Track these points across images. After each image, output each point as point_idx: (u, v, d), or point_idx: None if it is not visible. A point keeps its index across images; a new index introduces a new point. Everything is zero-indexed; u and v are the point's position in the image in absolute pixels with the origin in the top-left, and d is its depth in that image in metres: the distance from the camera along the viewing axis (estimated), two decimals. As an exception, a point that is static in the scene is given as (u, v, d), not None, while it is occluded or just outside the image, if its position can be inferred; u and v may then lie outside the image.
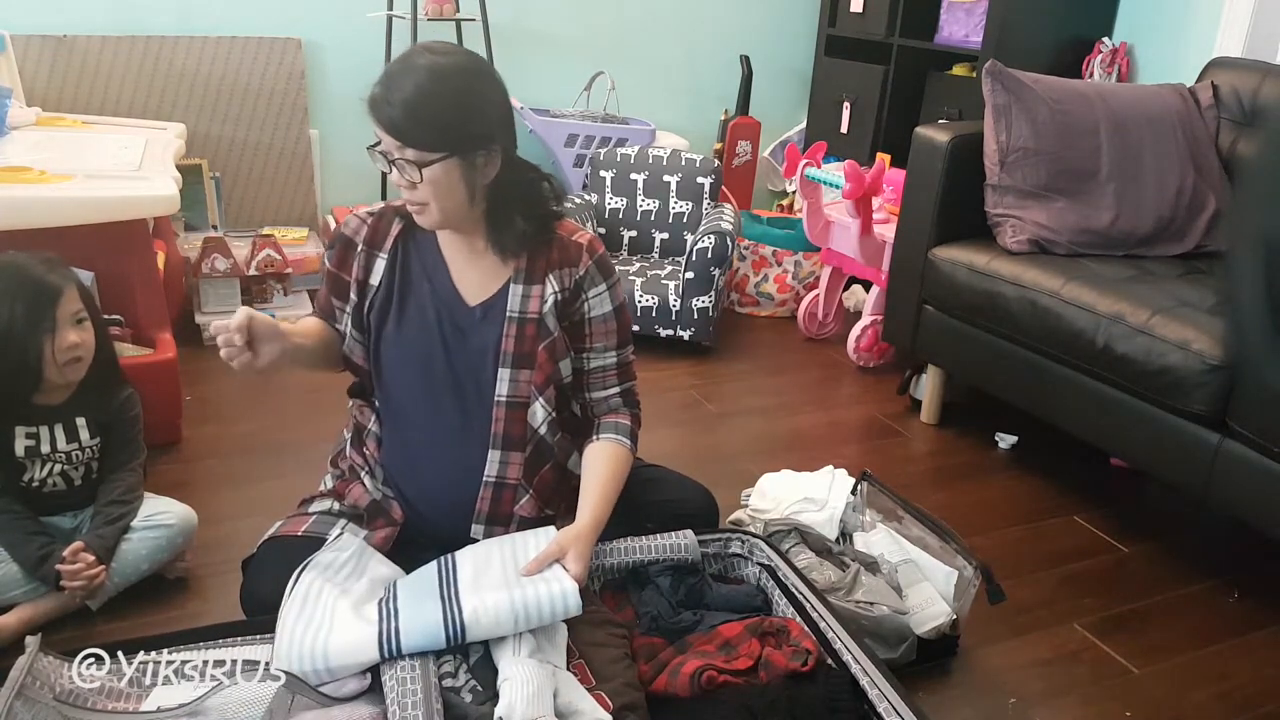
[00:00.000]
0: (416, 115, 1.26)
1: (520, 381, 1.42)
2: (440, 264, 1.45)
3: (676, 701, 1.23)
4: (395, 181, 1.33)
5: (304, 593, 1.26)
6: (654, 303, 2.79)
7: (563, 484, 1.50)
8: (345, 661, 1.18)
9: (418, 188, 1.31)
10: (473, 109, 1.31)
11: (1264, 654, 1.69)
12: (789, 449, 2.31)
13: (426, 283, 1.44)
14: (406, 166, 1.29)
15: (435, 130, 1.28)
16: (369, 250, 1.45)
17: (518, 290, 1.43)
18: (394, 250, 1.45)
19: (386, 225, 1.46)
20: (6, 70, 2.54)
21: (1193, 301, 1.90)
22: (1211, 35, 2.79)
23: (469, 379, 1.43)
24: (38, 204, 1.83)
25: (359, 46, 3.17)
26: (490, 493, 1.43)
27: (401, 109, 1.26)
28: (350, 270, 1.45)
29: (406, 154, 1.28)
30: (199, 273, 2.65)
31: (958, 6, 3.17)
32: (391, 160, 1.30)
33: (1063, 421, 2.07)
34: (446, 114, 1.28)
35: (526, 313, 1.42)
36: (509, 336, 1.42)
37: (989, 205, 2.26)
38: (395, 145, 1.28)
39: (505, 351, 1.42)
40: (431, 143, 1.28)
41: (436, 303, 1.43)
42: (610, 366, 1.51)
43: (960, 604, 1.56)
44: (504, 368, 1.42)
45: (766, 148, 3.91)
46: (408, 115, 1.26)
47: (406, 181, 1.31)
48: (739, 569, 1.50)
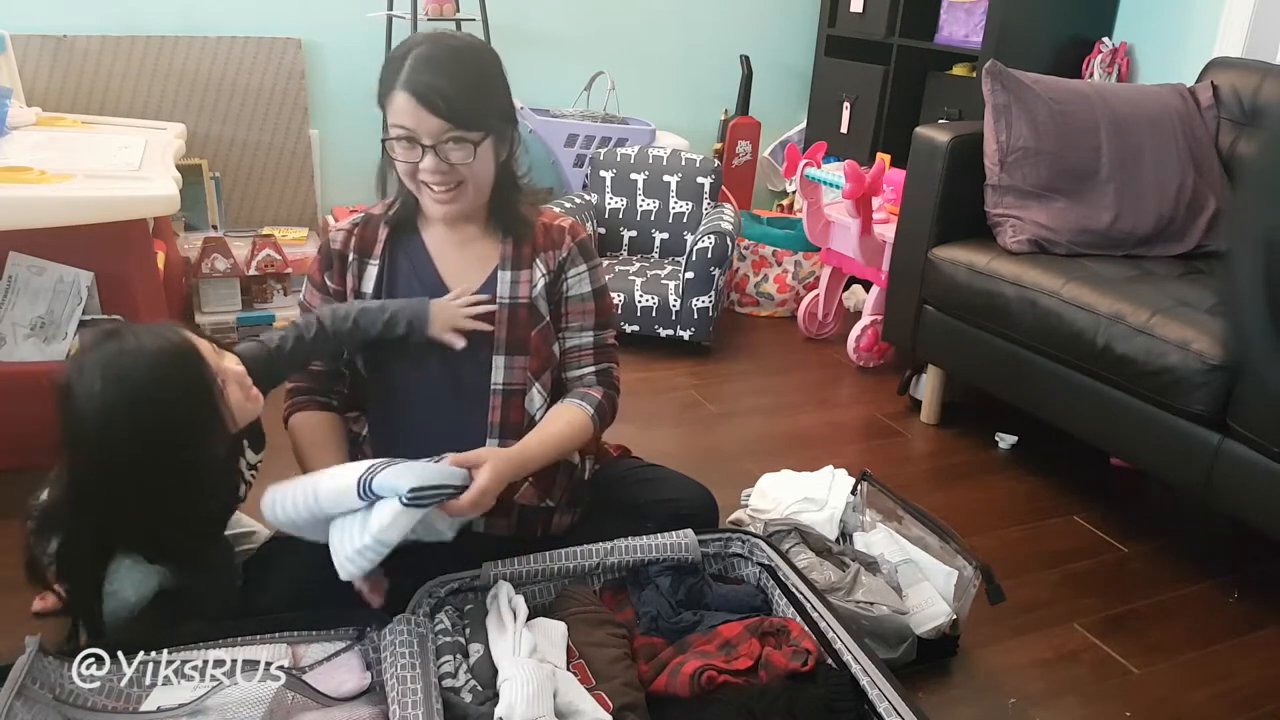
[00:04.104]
0: (469, 95, 1.28)
1: (516, 369, 1.43)
2: (427, 261, 1.45)
3: (676, 701, 1.23)
4: (428, 168, 1.31)
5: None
6: (654, 303, 2.79)
7: (562, 472, 1.49)
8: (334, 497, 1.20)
9: (458, 170, 1.31)
10: (502, 86, 1.35)
11: (1264, 654, 1.69)
12: (789, 449, 2.31)
13: (415, 279, 1.44)
14: (454, 148, 1.29)
15: (483, 109, 1.30)
16: (360, 259, 1.45)
17: (506, 276, 1.43)
18: (384, 256, 1.45)
19: (373, 232, 1.46)
20: (6, 70, 2.54)
21: (1193, 301, 1.90)
22: (1211, 35, 2.79)
23: (465, 371, 1.43)
24: (38, 204, 1.83)
25: (359, 46, 3.17)
26: None
27: (455, 90, 1.26)
28: (345, 283, 1.45)
29: (454, 134, 1.28)
30: (199, 273, 2.65)
31: (958, 6, 3.17)
32: (430, 146, 1.29)
33: (1063, 421, 2.07)
34: (489, 92, 1.32)
35: (517, 298, 1.43)
36: (501, 323, 1.42)
37: (989, 205, 2.26)
38: (443, 129, 1.27)
39: (499, 338, 1.42)
40: (480, 122, 1.30)
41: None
42: (586, 346, 1.50)
43: (960, 604, 1.56)
44: (499, 354, 1.42)
45: (766, 148, 3.91)
46: (462, 95, 1.27)
47: (448, 165, 1.30)
48: (739, 569, 1.50)
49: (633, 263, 3.02)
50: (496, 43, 3.14)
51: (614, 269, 2.91)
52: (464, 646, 1.24)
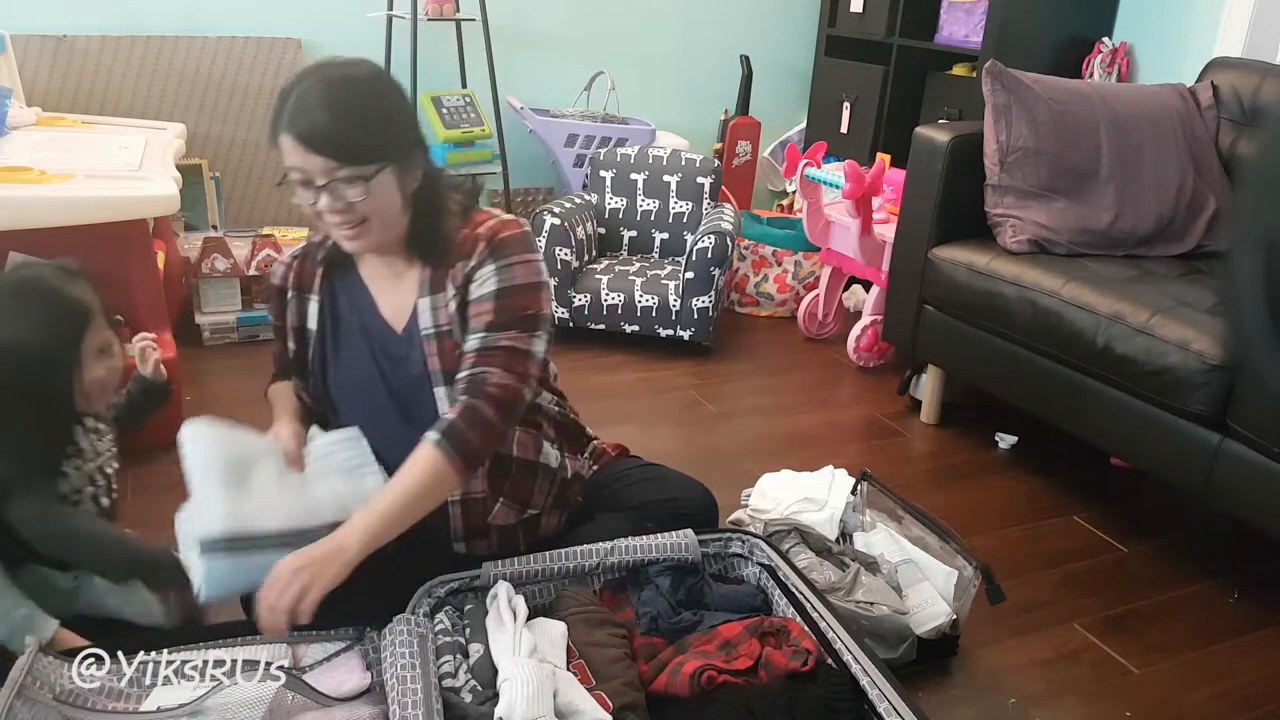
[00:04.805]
0: (354, 129, 1.20)
1: None
2: (365, 295, 1.41)
3: (676, 701, 1.23)
4: (325, 208, 1.24)
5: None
6: (654, 303, 2.79)
7: (538, 478, 1.48)
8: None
9: (356, 207, 1.24)
10: (399, 112, 1.28)
11: (1264, 654, 1.69)
12: (789, 449, 2.31)
13: (355, 316, 1.42)
14: (345, 187, 1.22)
15: (374, 140, 1.22)
16: (299, 295, 1.44)
17: (425, 304, 1.36)
18: (322, 292, 1.43)
19: (312, 266, 1.44)
20: (6, 70, 2.54)
21: (1193, 301, 1.90)
22: (1211, 35, 2.79)
23: (413, 405, 1.39)
24: (38, 204, 1.83)
25: (359, 46, 3.17)
26: (460, 510, 1.42)
27: (337, 126, 1.19)
28: (287, 318, 1.45)
29: (343, 173, 1.21)
30: (199, 273, 2.65)
31: (958, 6, 3.17)
32: (321, 186, 1.22)
33: (1063, 421, 2.07)
34: (380, 122, 1.23)
35: (440, 325, 1.36)
36: (432, 355, 1.37)
37: (989, 205, 2.26)
38: (329, 167, 1.20)
39: (433, 371, 1.37)
40: (370, 154, 1.22)
41: (366, 335, 1.41)
42: (470, 351, 1.33)
43: (960, 604, 1.56)
44: (438, 387, 1.37)
45: (766, 148, 3.91)
46: (346, 130, 1.20)
47: (343, 204, 1.23)
48: (739, 569, 1.50)
49: (633, 263, 3.02)
50: (496, 42, 3.15)
51: (614, 269, 2.91)
52: (464, 646, 1.24)
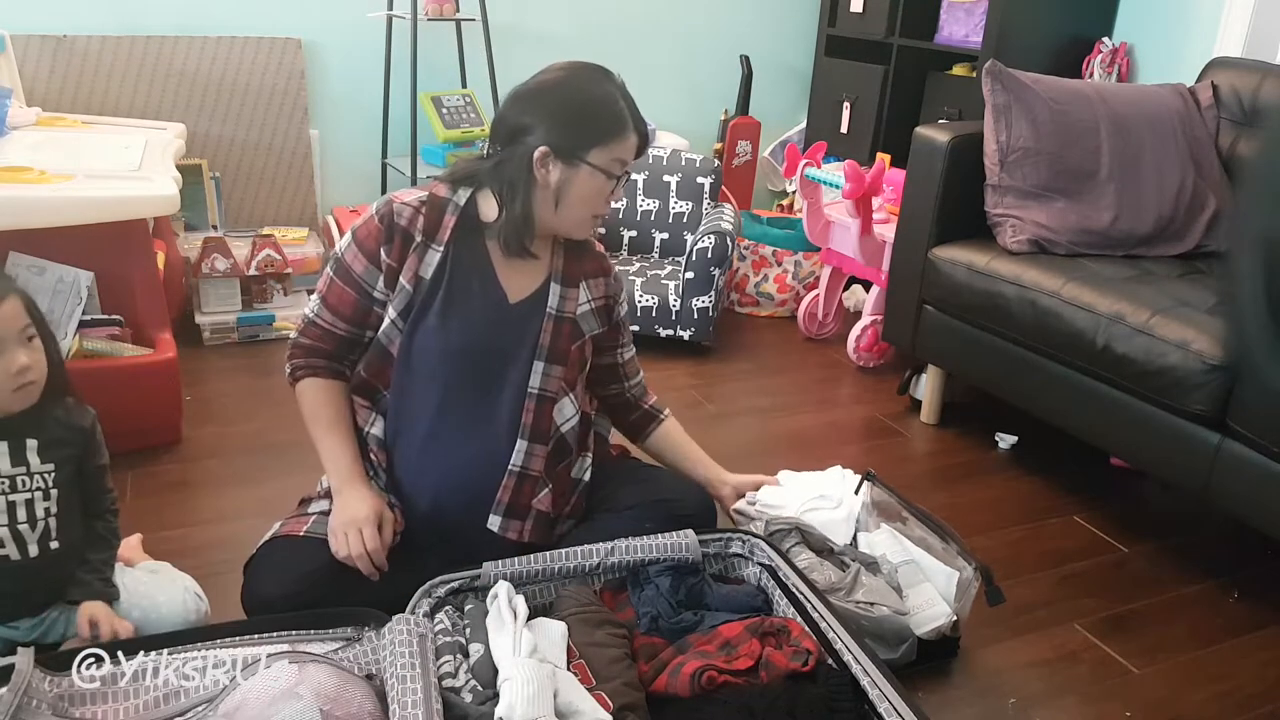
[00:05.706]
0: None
1: (552, 376, 1.47)
2: (487, 262, 1.47)
3: (676, 701, 1.23)
4: (611, 196, 1.46)
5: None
6: (654, 303, 2.79)
7: (572, 489, 1.53)
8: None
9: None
10: None
11: (1264, 654, 1.69)
12: (789, 449, 2.31)
13: (476, 278, 1.46)
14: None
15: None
16: (426, 242, 1.44)
17: (557, 289, 1.50)
18: (449, 245, 1.45)
19: (439, 217, 1.45)
20: (6, 70, 2.54)
21: (1193, 301, 1.90)
22: (1211, 35, 2.79)
23: (504, 372, 1.46)
24: (38, 204, 1.83)
25: (359, 46, 3.17)
26: (514, 482, 1.45)
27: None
28: (404, 259, 1.43)
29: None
30: (199, 273, 2.65)
31: (958, 6, 3.17)
32: (619, 176, 1.46)
33: (1063, 421, 2.07)
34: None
35: (564, 312, 1.50)
36: (547, 331, 1.47)
37: (989, 205, 2.26)
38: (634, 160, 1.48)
39: (542, 345, 1.47)
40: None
41: (483, 297, 1.45)
42: (633, 357, 1.70)
43: (961, 605, 1.56)
44: (539, 360, 1.46)
45: (766, 148, 3.91)
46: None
47: (617, 193, 1.47)
48: (739, 569, 1.50)
49: (633, 263, 3.02)
50: (496, 42, 3.15)
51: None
52: (464, 646, 1.24)
